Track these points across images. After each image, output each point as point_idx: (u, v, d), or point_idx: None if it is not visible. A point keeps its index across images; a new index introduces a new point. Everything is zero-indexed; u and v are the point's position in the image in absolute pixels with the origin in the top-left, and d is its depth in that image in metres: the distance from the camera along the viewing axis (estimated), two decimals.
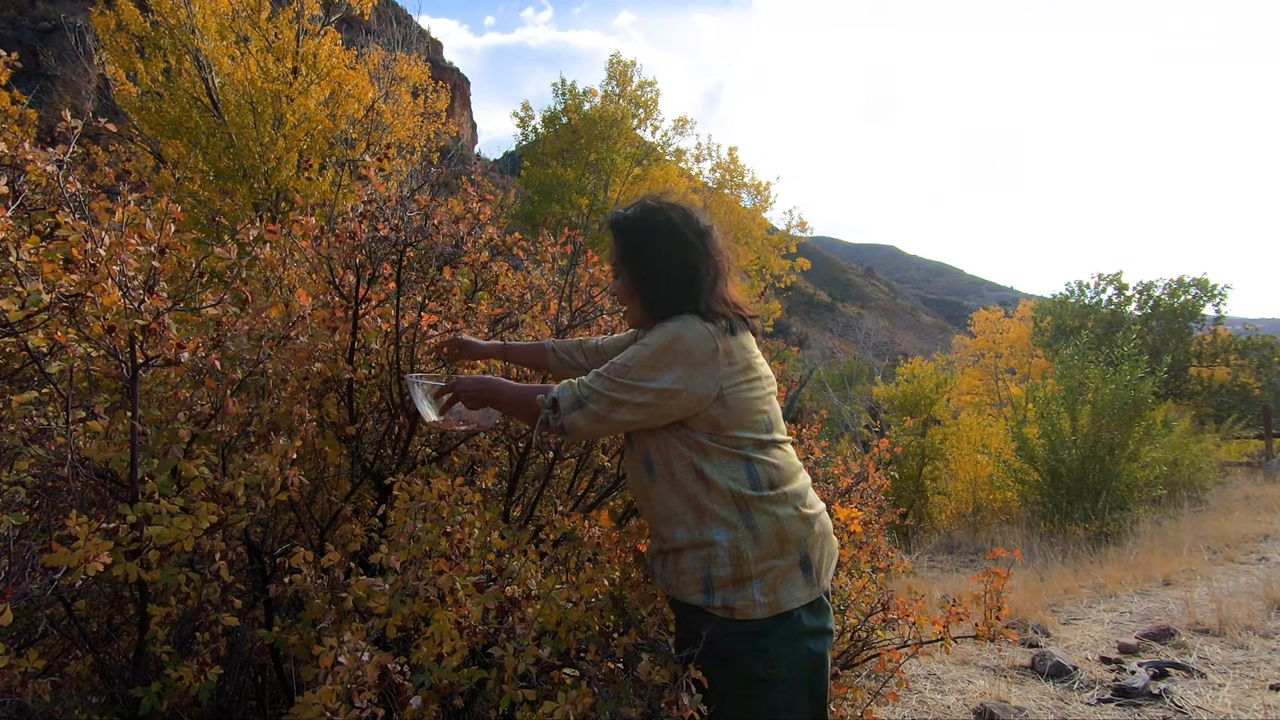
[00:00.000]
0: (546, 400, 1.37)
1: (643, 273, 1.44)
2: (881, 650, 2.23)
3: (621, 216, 1.49)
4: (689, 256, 1.41)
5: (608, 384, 1.33)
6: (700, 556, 1.34)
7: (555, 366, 1.81)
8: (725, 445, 1.35)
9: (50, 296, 1.32)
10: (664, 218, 1.44)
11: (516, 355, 1.85)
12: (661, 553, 1.44)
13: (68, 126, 1.50)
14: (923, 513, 9.18)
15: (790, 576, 1.33)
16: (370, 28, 11.62)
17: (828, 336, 68.09)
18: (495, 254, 2.24)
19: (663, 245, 1.42)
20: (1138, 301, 16.92)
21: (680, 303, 1.40)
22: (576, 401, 1.34)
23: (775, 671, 1.31)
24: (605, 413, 1.33)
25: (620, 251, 1.48)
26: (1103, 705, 2.80)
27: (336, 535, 1.65)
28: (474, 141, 62.77)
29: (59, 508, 1.43)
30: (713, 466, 1.34)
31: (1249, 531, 6.45)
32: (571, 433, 1.36)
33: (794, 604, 1.33)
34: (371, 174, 1.92)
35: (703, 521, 1.34)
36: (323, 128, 8.11)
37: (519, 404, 1.44)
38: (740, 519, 1.33)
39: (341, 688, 1.15)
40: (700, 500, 1.34)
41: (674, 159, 16.09)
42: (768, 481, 1.35)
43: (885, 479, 2.68)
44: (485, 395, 1.47)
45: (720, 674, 1.33)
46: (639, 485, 1.46)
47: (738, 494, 1.33)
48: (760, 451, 1.36)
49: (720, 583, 1.33)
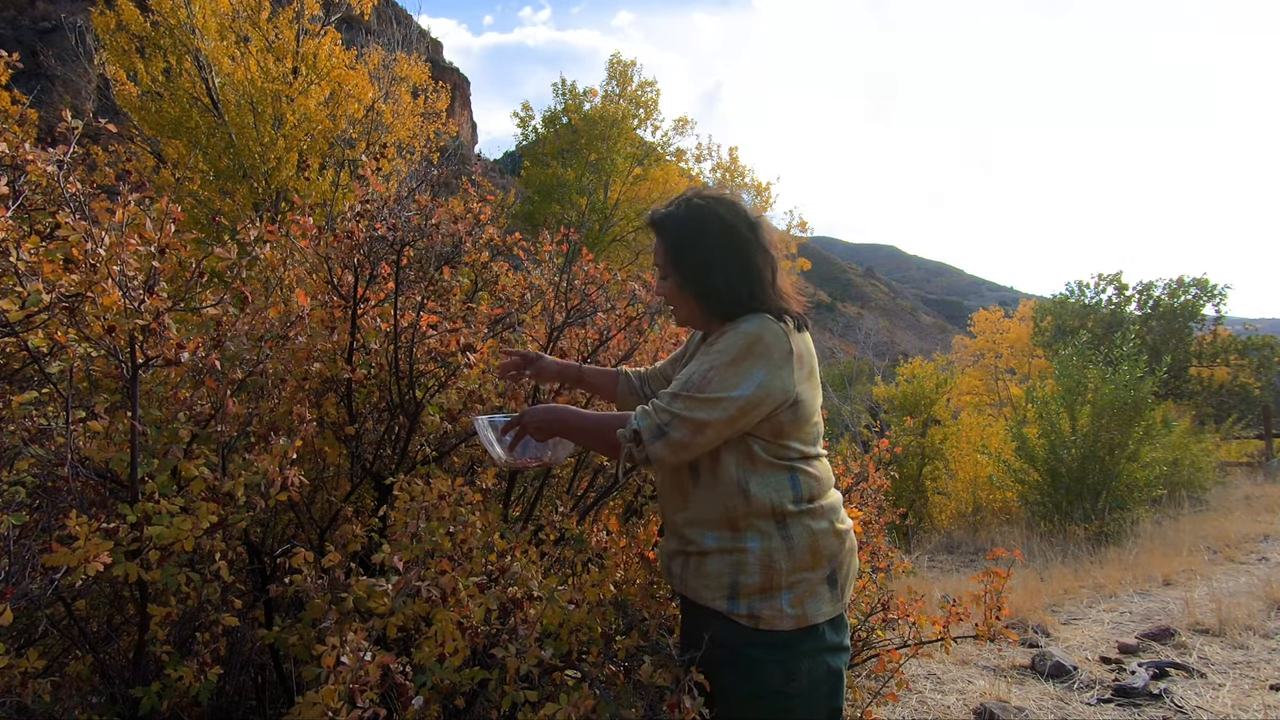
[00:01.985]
0: (628, 432, 1.27)
1: (697, 272, 1.35)
2: (881, 650, 2.23)
3: (667, 214, 1.40)
4: (745, 251, 1.33)
5: (687, 404, 1.24)
6: (729, 562, 1.31)
7: (622, 396, 1.68)
8: (775, 456, 1.30)
9: (50, 296, 1.32)
10: (713, 212, 1.35)
11: (588, 380, 1.71)
12: (683, 554, 1.39)
13: (68, 126, 1.50)
14: (923, 513, 9.17)
15: (818, 590, 1.31)
16: (370, 28, 11.61)
17: (828, 337, 68.15)
18: (495, 254, 2.24)
19: (716, 241, 1.33)
20: (1138, 301, 16.92)
21: (743, 301, 1.32)
22: (658, 430, 1.25)
23: (794, 685, 1.28)
24: (689, 438, 1.24)
25: (669, 251, 1.39)
26: (1103, 705, 2.80)
27: (336, 535, 1.65)
28: (474, 141, 62.79)
29: (59, 508, 1.43)
30: (759, 480, 1.29)
31: (1249, 531, 6.45)
32: (657, 464, 1.27)
33: (819, 618, 1.30)
34: (370, 174, 1.92)
35: (737, 530, 1.31)
36: (323, 128, 8.11)
37: (596, 436, 1.35)
38: (776, 529, 1.29)
39: (344, 687, 1.14)
40: (737, 512, 1.30)
41: (674, 159, 16.09)
42: (809, 494, 1.32)
43: (885, 479, 2.69)
44: (555, 426, 1.38)
45: (736, 682, 1.31)
46: (677, 486, 1.39)
47: (778, 507, 1.29)
48: (805, 463, 1.33)
49: (747, 590, 1.29)
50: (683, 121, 15.83)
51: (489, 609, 1.41)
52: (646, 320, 2.35)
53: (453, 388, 1.98)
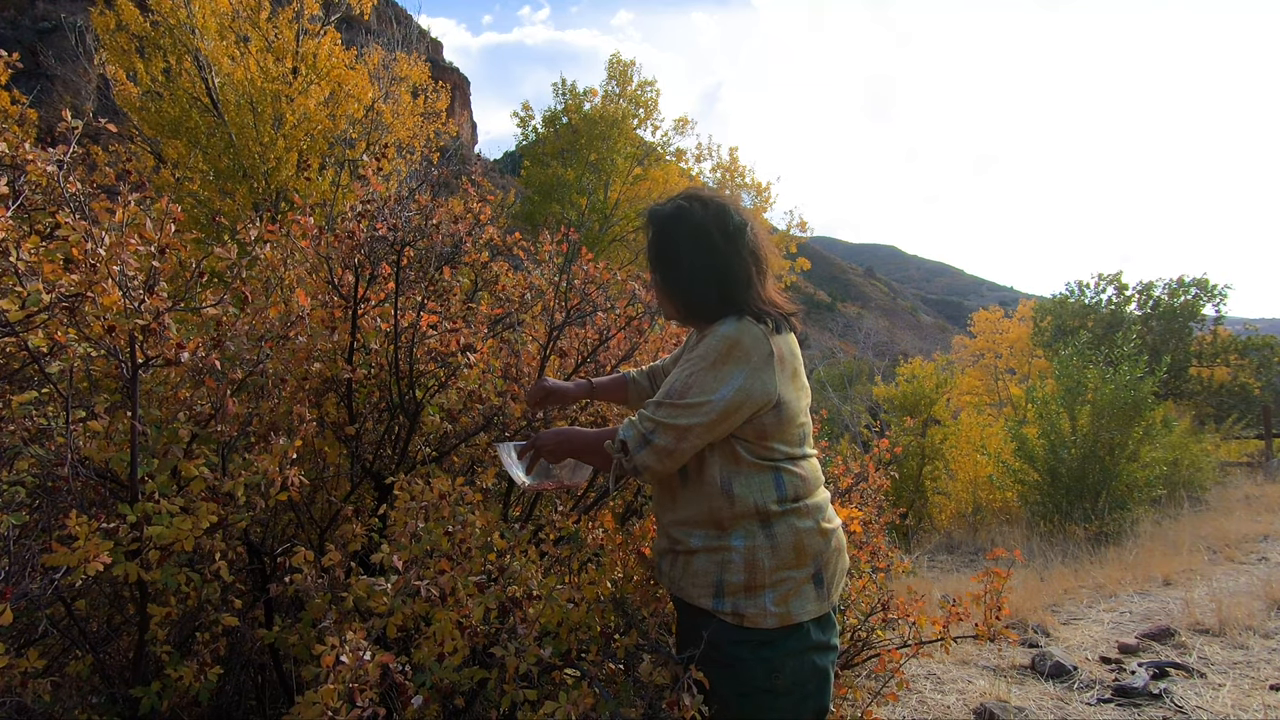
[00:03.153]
0: (615, 444, 1.31)
1: (673, 273, 1.39)
2: (881, 650, 2.23)
3: (655, 211, 1.44)
4: (714, 258, 1.35)
5: (669, 411, 1.27)
6: (715, 560, 1.32)
7: (635, 397, 1.73)
8: (760, 457, 1.31)
9: (50, 296, 1.32)
10: (690, 216, 1.37)
11: (601, 392, 1.75)
12: (672, 552, 1.41)
13: (68, 126, 1.50)
14: (923, 513, 9.17)
15: (803, 589, 1.32)
16: (370, 28, 11.62)
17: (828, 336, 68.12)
18: (495, 254, 2.24)
19: (686, 245, 1.37)
20: (1138, 301, 16.91)
21: (717, 304, 1.34)
22: (643, 439, 1.28)
23: (779, 683, 1.29)
24: (674, 445, 1.27)
25: (651, 250, 1.43)
26: (1103, 705, 2.80)
27: (336, 535, 1.65)
28: (474, 141, 62.78)
29: (59, 508, 1.43)
30: (742, 482, 1.31)
31: (1249, 531, 6.44)
32: (645, 472, 1.30)
33: (804, 617, 1.31)
34: (370, 174, 1.92)
35: (723, 529, 1.32)
36: (323, 128, 8.11)
37: (594, 453, 1.39)
38: (760, 529, 1.31)
39: (343, 687, 1.14)
40: (722, 514, 1.32)
41: (674, 159, 16.09)
42: (793, 493, 1.33)
43: (885, 479, 2.69)
44: (564, 447, 1.43)
45: (722, 680, 1.32)
46: (667, 488, 1.41)
47: (761, 507, 1.30)
48: (791, 463, 1.34)
49: (732, 589, 1.30)
50: (683, 121, 15.83)
51: (488, 608, 1.41)
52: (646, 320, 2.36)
53: (453, 388, 1.98)
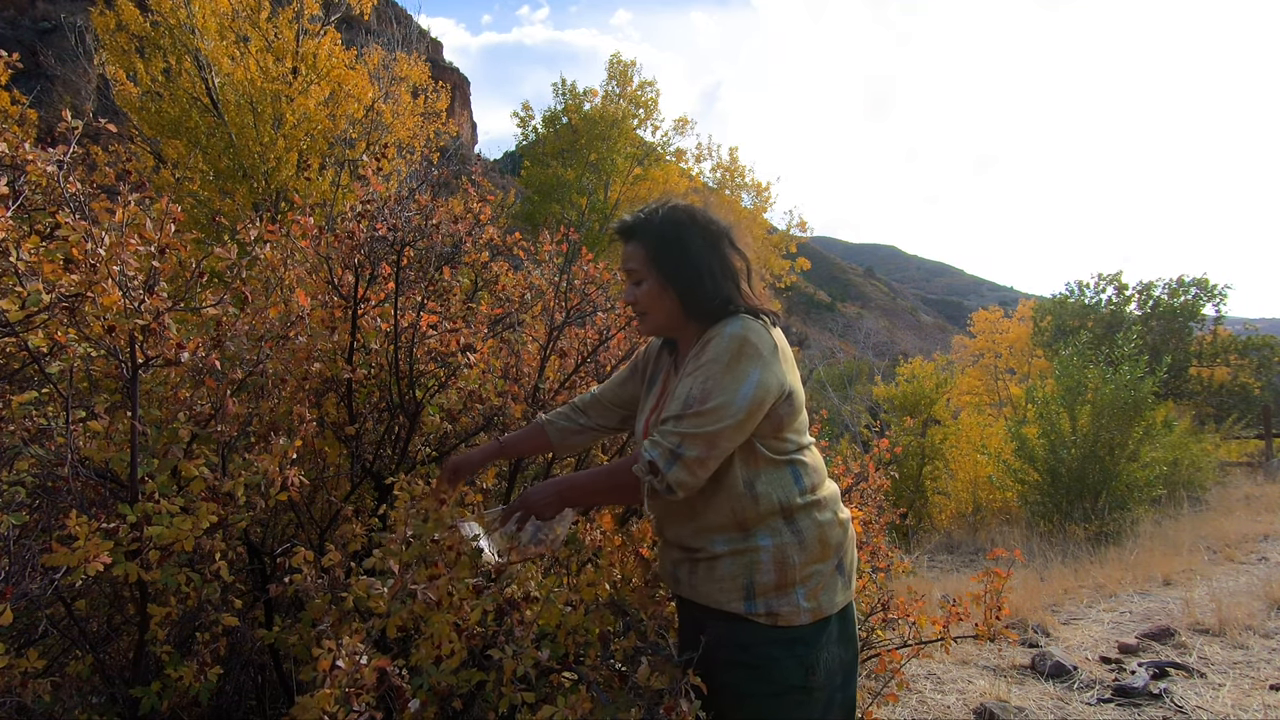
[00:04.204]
0: (643, 466, 1.26)
1: (682, 273, 1.36)
2: (881, 650, 2.23)
3: (642, 219, 1.40)
4: (724, 252, 1.37)
5: (694, 421, 1.23)
6: (741, 562, 1.30)
7: (558, 438, 1.65)
8: (776, 451, 1.31)
9: (50, 296, 1.32)
10: (688, 213, 1.38)
11: (515, 447, 1.68)
12: (690, 560, 1.38)
13: (68, 126, 1.50)
14: (923, 513, 9.17)
15: (831, 581, 1.32)
16: (370, 28, 11.61)
17: (828, 336, 68.12)
18: (495, 254, 2.24)
19: (698, 242, 1.36)
20: (1138, 301, 16.90)
21: (726, 299, 1.34)
22: (672, 455, 1.23)
23: (814, 679, 1.28)
24: (705, 454, 1.23)
25: (649, 254, 1.38)
26: (1103, 705, 2.80)
27: (336, 535, 1.65)
28: (474, 141, 62.79)
29: (59, 508, 1.43)
30: (764, 480, 1.30)
31: (1249, 531, 6.44)
32: (679, 489, 1.24)
33: (832, 609, 1.31)
34: (370, 174, 1.92)
35: (746, 530, 1.31)
36: (323, 128, 8.11)
37: (610, 486, 1.36)
38: (785, 525, 1.30)
39: (339, 691, 1.14)
40: (746, 515, 1.30)
41: (674, 159, 16.09)
42: (810, 485, 1.33)
43: (885, 479, 2.69)
44: (566, 496, 1.37)
45: (751, 682, 1.29)
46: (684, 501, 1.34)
47: (785, 504, 1.30)
48: (801, 454, 1.34)
49: (763, 589, 1.29)
50: (682, 121, 15.83)
51: (485, 610, 1.40)
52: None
53: (453, 388, 1.98)
